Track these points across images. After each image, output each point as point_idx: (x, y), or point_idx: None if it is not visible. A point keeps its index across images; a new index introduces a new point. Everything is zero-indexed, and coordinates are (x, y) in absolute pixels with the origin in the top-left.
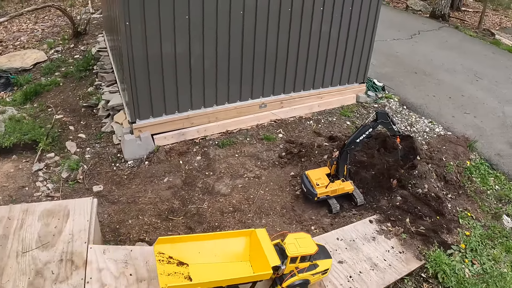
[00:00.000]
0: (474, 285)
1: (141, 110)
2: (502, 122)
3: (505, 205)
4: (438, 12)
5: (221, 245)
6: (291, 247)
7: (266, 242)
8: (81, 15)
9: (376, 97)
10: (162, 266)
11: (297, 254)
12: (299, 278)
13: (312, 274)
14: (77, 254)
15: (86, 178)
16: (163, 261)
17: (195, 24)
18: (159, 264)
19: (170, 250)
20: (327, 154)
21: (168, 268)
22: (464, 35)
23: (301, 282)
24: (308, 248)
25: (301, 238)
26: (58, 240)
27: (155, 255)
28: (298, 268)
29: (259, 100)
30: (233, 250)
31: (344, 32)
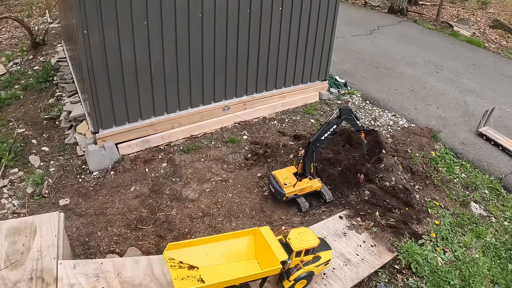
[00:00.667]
0: (448, 272)
1: (104, 119)
2: (464, 111)
3: (472, 192)
4: (396, 7)
5: (227, 246)
6: (295, 242)
7: (271, 239)
8: (39, 25)
9: (338, 93)
10: (175, 271)
11: (301, 248)
12: (305, 271)
13: (316, 265)
14: (47, 271)
15: (51, 192)
16: (174, 266)
17: (154, 30)
18: (172, 270)
19: (179, 255)
20: (293, 153)
21: (181, 272)
22: (423, 28)
23: (306, 274)
24: (311, 242)
25: (303, 233)
26: (27, 258)
27: (166, 261)
28: (303, 261)
29: (222, 103)
30: (239, 250)
31: (304, 31)
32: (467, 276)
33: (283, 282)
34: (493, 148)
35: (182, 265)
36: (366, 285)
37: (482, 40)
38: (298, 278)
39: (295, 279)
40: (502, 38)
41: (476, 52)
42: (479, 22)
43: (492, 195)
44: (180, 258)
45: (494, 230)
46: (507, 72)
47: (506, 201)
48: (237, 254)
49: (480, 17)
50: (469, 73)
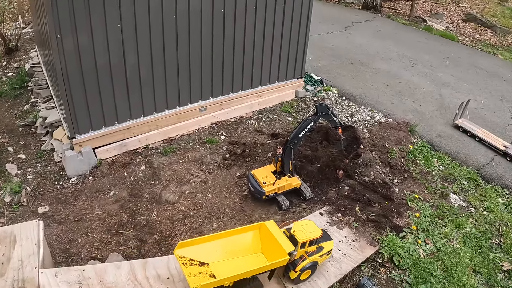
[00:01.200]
0: (430, 264)
1: (80, 124)
2: (440, 104)
3: (450, 183)
4: (370, 3)
5: (234, 242)
6: (299, 234)
7: (277, 232)
8: (11, 31)
9: (315, 90)
10: (187, 268)
11: (306, 239)
12: (309, 261)
13: (319, 255)
14: (28, 281)
15: (30, 200)
16: (186, 263)
17: (128, 32)
18: (184, 267)
19: (189, 253)
20: (271, 151)
21: (193, 269)
22: (397, 24)
23: (311, 264)
24: (314, 233)
25: (306, 225)
26: (8, 268)
27: (178, 259)
28: (307, 252)
29: (198, 104)
30: (246, 245)
31: (279, 29)
32: (449, 267)
33: (289, 273)
34: (470, 140)
35: (193, 262)
36: (350, 280)
37: (456, 34)
38: (303, 268)
39: (301, 270)
40: (475, 31)
41: (450, 45)
42: (452, 16)
43: (471, 186)
44: (190, 255)
45: (473, 220)
46: (481, 65)
47: (484, 191)
48: (244, 248)
49: (453, 11)
50: (444, 67)
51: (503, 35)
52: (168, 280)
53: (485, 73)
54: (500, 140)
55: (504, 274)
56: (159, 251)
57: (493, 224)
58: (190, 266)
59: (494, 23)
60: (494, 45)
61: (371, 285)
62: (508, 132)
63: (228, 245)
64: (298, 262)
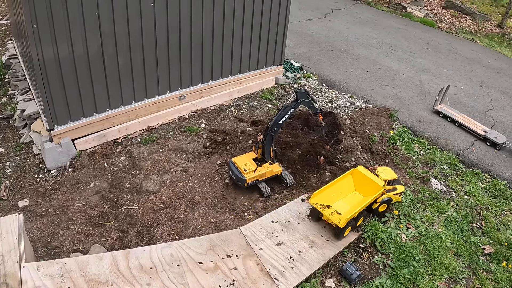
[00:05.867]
0: (412, 248)
1: (58, 115)
2: (420, 90)
3: (431, 168)
4: None
5: (338, 187)
6: (381, 174)
7: (369, 173)
8: None
9: (294, 77)
10: (324, 210)
11: (386, 178)
12: (386, 196)
13: (393, 194)
14: (10, 276)
15: (10, 194)
16: (321, 208)
17: (105, 21)
18: (322, 210)
19: (318, 200)
20: (252, 139)
21: (327, 211)
22: (377, 10)
23: (388, 199)
24: (392, 175)
25: (386, 170)
26: None
27: (314, 205)
28: (385, 189)
29: (178, 92)
30: (345, 188)
31: (258, 15)
32: (431, 251)
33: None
34: (450, 125)
35: (323, 206)
36: (333, 265)
37: (435, 21)
38: (382, 201)
39: (380, 202)
40: (454, 18)
41: (429, 32)
42: (432, 3)
43: (451, 171)
44: (320, 202)
45: (454, 204)
46: (460, 51)
47: (465, 176)
48: (344, 191)
49: None
50: (424, 53)
51: (482, 22)
52: (151, 270)
53: (465, 59)
54: (480, 125)
55: (485, 257)
56: (141, 242)
57: (474, 208)
58: (325, 209)
59: (473, 10)
60: (474, 31)
61: (354, 270)
62: (488, 117)
63: (336, 190)
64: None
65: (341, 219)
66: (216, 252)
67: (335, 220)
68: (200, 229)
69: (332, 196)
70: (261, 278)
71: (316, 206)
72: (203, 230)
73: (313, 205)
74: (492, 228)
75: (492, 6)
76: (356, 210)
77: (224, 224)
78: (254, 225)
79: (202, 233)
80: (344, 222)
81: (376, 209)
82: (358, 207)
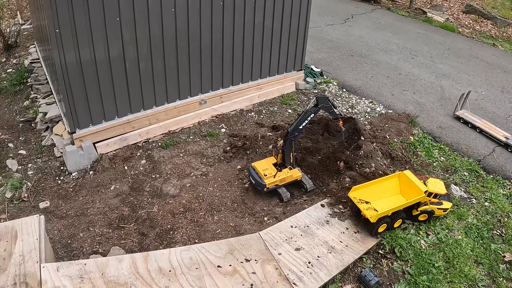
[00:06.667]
0: (431, 255)
1: (80, 119)
2: (440, 95)
3: (452, 174)
4: None
5: (382, 186)
6: (430, 186)
7: (414, 178)
8: (10, 27)
9: (315, 83)
10: (361, 205)
11: (433, 191)
12: (429, 207)
13: (437, 208)
14: (30, 275)
15: (31, 196)
16: (359, 202)
17: (127, 26)
18: (359, 204)
19: (358, 194)
20: (272, 144)
21: (364, 206)
22: (397, 15)
23: (429, 210)
24: (440, 190)
25: (437, 183)
26: (9, 263)
27: (352, 199)
28: (430, 201)
29: (198, 97)
30: (390, 188)
31: (278, 21)
32: (451, 258)
33: (412, 211)
34: (471, 131)
35: (361, 201)
36: (351, 271)
37: (456, 25)
38: (423, 210)
39: (421, 211)
40: (475, 23)
41: (450, 37)
42: (452, 8)
43: (472, 177)
44: (359, 196)
45: (475, 211)
46: (481, 56)
47: (485, 182)
48: (389, 191)
49: (453, 2)
50: (444, 58)
51: (503, 27)
52: (170, 272)
53: (486, 64)
54: (501, 131)
55: (506, 265)
56: (160, 245)
57: (495, 215)
58: (362, 204)
59: (494, 15)
60: (495, 36)
61: (373, 277)
62: (509, 123)
63: (379, 189)
64: (421, 205)
65: (374, 215)
66: (235, 256)
67: (368, 215)
68: (220, 233)
69: (374, 193)
70: (279, 283)
71: (353, 200)
72: (223, 234)
73: (351, 198)
74: None
75: None
76: (390, 209)
77: (243, 228)
78: (273, 229)
79: (221, 237)
80: (376, 218)
81: (416, 216)
82: (394, 207)
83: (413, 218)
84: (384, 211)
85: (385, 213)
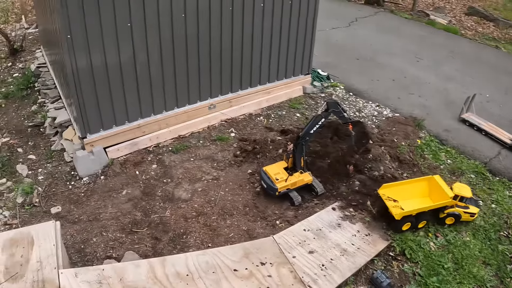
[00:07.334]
0: (441, 256)
1: (91, 123)
2: (446, 98)
3: (458, 177)
4: None
5: (412, 187)
6: (456, 189)
7: (443, 183)
8: (16, 31)
9: (322, 86)
10: (389, 202)
11: (459, 194)
12: (455, 210)
13: (464, 212)
14: (49, 281)
15: (42, 201)
16: (387, 199)
17: (138, 31)
18: (387, 201)
19: (387, 192)
20: (282, 148)
21: (391, 203)
22: (400, 18)
23: (456, 214)
24: (466, 194)
25: (463, 187)
26: (27, 269)
27: (381, 196)
28: (457, 205)
29: (207, 102)
30: (419, 190)
31: (286, 26)
32: (459, 259)
33: (439, 214)
34: (476, 134)
35: (389, 199)
36: (363, 273)
37: (459, 28)
38: (449, 213)
39: (447, 213)
40: (478, 25)
41: (453, 39)
42: (454, 10)
43: (478, 179)
44: (388, 194)
45: (482, 213)
46: (485, 58)
47: (492, 185)
48: (417, 192)
49: (455, 4)
50: (448, 61)
51: (506, 28)
52: (187, 277)
53: (489, 66)
54: (506, 133)
55: None
56: (174, 249)
57: (501, 217)
58: (389, 201)
59: (496, 16)
60: (497, 38)
61: (385, 278)
62: None
63: (407, 190)
64: (448, 208)
65: (399, 213)
66: (250, 260)
67: (393, 212)
68: (233, 237)
69: (403, 193)
70: (294, 286)
71: (382, 197)
72: (236, 238)
73: (380, 195)
74: None
75: None
76: (414, 209)
77: (256, 232)
78: (287, 233)
79: (234, 241)
80: (400, 216)
81: (443, 219)
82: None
83: (440, 221)
84: (409, 210)
85: (409, 213)
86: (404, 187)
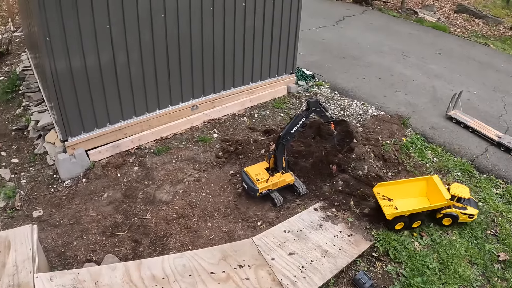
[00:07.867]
0: (426, 256)
1: (72, 126)
2: (432, 96)
3: (445, 175)
4: None
5: (409, 187)
6: (453, 189)
7: (440, 184)
8: (2, 34)
9: (307, 86)
10: (382, 201)
11: (456, 194)
12: (452, 211)
13: (461, 213)
14: (24, 286)
15: (24, 205)
16: (381, 198)
17: (117, 33)
18: (380, 200)
19: (382, 191)
20: (264, 148)
21: (384, 202)
22: (388, 16)
23: (453, 214)
24: (464, 194)
25: (461, 187)
26: (3, 273)
27: (375, 194)
28: (454, 205)
29: (190, 103)
30: (416, 190)
31: (269, 25)
32: (445, 259)
33: (436, 214)
34: (463, 131)
35: (384, 197)
36: (345, 275)
37: (448, 25)
38: (446, 213)
39: (444, 214)
40: (467, 22)
41: (442, 37)
42: (443, 8)
43: (465, 177)
44: (383, 193)
45: None
46: (473, 55)
47: (479, 182)
48: (414, 192)
49: (444, 2)
50: (436, 58)
51: (495, 25)
52: (163, 280)
53: (477, 63)
54: (494, 130)
55: (500, 264)
56: (154, 252)
57: (488, 215)
58: (383, 200)
59: (485, 14)
60: (486, 35)
61: (367, 280)
62: (501, 122)
63: (404, 189)
64: (444, 208)
65: (391, 213)
66: (228, 262)
67: (385, 212)
68: (213, 239)
69: (399, 192)
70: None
71: (376, 195)
72: (216, 240)
73: (374, 193)
74: (507, 235)
75: (505, 9)
76: (407, 210)
77: (236, 234)
78: (266, 234)
79: (215, 243)
80: (392, 216)
81: (440, 220)
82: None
83: (437, 222)
84: (401, 211)
85: (402, 213)
86: (401, 186)
